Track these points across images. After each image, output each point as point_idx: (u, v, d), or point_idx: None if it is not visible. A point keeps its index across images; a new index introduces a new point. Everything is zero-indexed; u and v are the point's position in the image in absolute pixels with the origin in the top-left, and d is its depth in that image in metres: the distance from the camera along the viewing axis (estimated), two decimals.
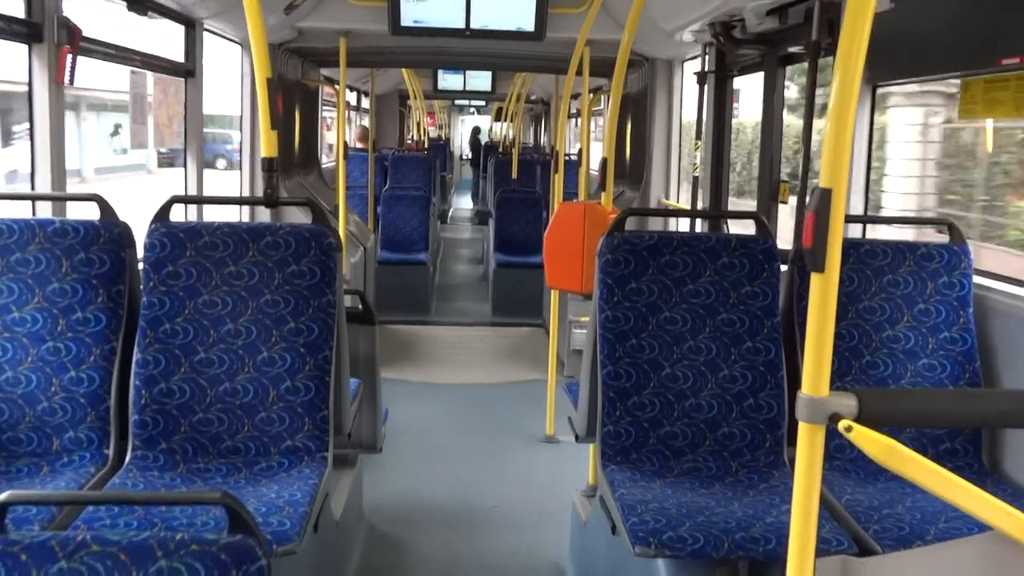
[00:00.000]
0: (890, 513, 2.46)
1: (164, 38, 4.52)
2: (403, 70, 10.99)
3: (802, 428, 1.40)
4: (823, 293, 1.40)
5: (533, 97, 15.58)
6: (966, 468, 2.75)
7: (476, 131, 22.56)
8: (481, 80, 11.01)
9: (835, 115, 1.36)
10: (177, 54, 4.67)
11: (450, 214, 17.96)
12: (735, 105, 5.20)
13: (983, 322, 2.89)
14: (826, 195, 1.36)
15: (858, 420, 1.38)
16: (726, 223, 4.73)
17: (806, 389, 1.40)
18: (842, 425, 1.37)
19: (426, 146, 14.10)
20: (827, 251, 1.37)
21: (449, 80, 10.93)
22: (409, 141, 15.97)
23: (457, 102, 21.03)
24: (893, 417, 1.48)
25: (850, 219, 3.40)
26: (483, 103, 20.03)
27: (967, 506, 1.33)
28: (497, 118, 19.69)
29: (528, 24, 5.37)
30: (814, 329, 1.40)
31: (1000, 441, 2.79)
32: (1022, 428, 2.63)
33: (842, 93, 1.36)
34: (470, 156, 22.30)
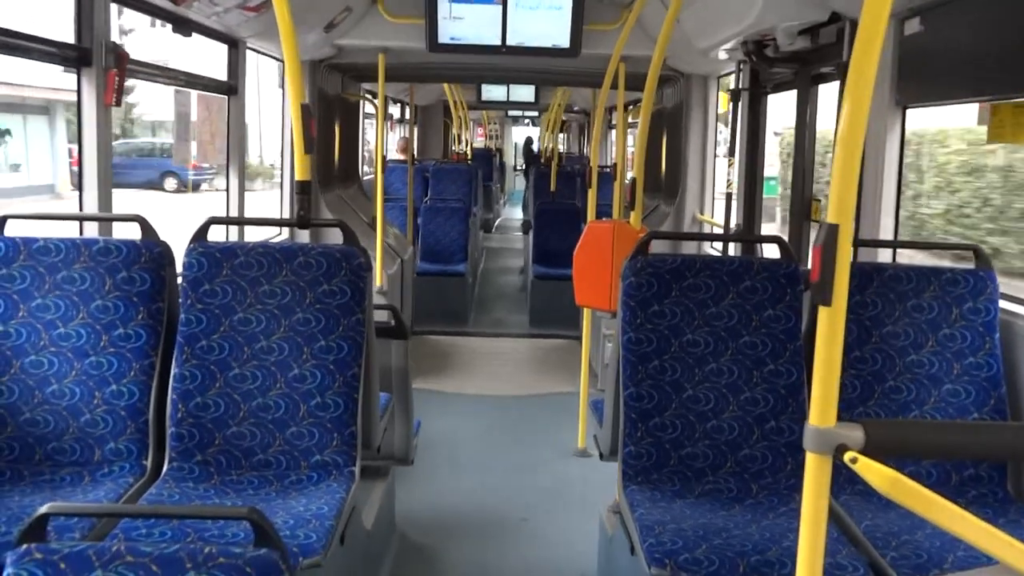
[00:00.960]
0: (908, 540, 2.46)
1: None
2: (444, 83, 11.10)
3: (809, 458, 1.43)
4: (830, 326, 1.42)
5: (576, 108, 15.60)
6: (990, 495, 2.74)
7: (528, 141, 22.66)
8: (524, 91, 11.07)
9: (844, 144, 1.34)
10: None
11: (497, 223, 18.00)
12: None
13: (1010, 348, 2.87)
14: (833, 230, 1.37)
15: (865, 451, 1.39)
16: (760, 244, 4.73)
17: (813, 420, 1.42)
18: (847, 457, 1.38)
19: (469, 157, 14.20)
20: (834, 285, 1.39)
21: (493, 91, 11.02)
22: (454, 152, 16.14)
23: (510, 113, 21.12)
24: (899, 448, 1.50)
25: (878, 244, 3.40)
26: (535, 113, 20.05)
27: (972, 538, 1.33)
28: (553, 130, 19.77)
29: (564, 41, 5.43)
30: (822, 361, 1.42)
31: None
32: None
33: (852, 122, 1.34)
34: (524, 166, 22.36)
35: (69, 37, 3.34)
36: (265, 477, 2.78)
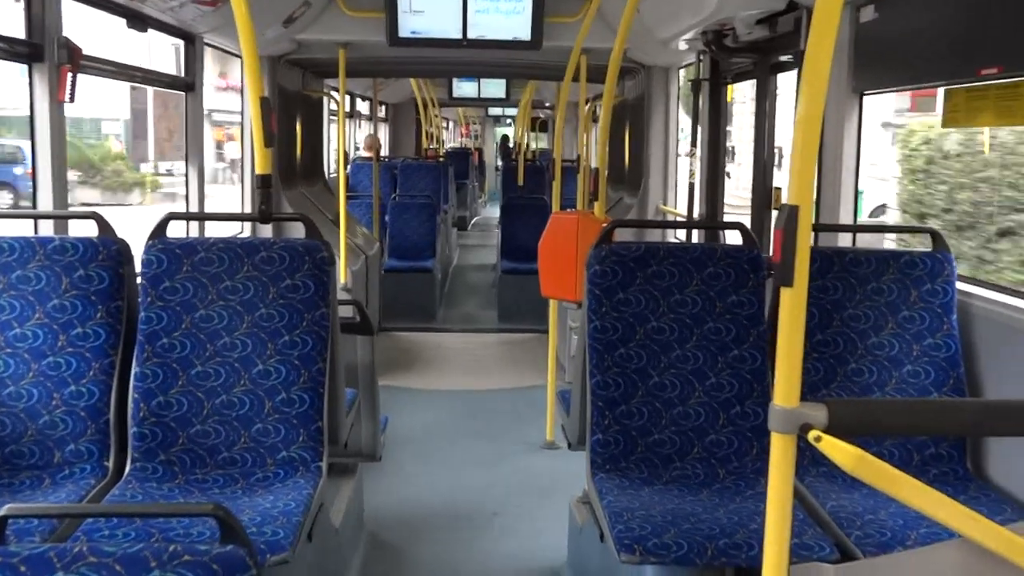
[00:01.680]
0: (873, 519, 2.49)
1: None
2: (411, 80, 11.05)
3: (774, 438, 1.44)
4: (792, 307, 1.43)
5: (548, 104, 15.63)
6: (951, 473, 2.79)
7: (505, 139, 22.74)
8: (496, 87, 11.04)
9: (802, 128, 1.37)
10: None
11: (475, 220, 18.01)
12: None
13: (967, 328, 2.92)
14: (793, 212, 1.39)
15: (828, 430, 1.41)
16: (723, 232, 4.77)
17: (777, 400, 1.44)
18: (811, 435, 1.40)
19: (441, 154, 14.17)
20: (795, 266, 1.41)
21: (464, 87, 10.96)
22: (426, 150, 16.17)
23: (491, 112, 21.09)
24: (863, 427, 1.51)
25: (837, 228, 3.44)
26: (515, 112, 20.10)
27: (935, 513, 1.36)
28: (532, 128, 19.87)
29: (525, 33, 5.42)
30: (784, 341, 1.44)
31: (984, 447, 2.83)
32: (990, 436, 2.66)
33: (809, 106, 1.36)
34: (500, 164, 22.50)
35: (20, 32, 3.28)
36: (231, 475, 2.75)
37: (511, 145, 20.74)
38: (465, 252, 13.53)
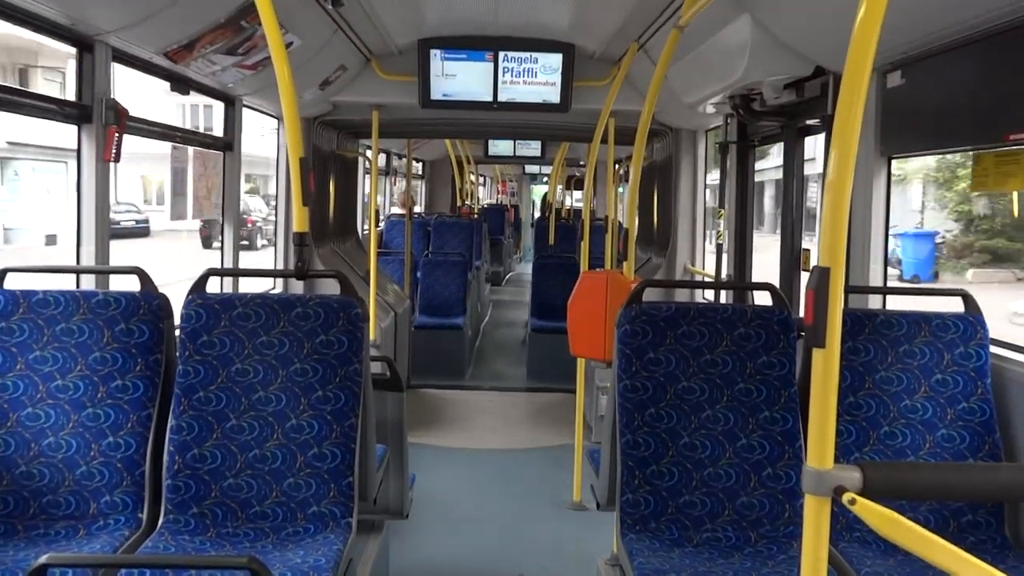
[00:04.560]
0: None
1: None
2: (446, 140, 11.26)
3: (808, 500, 1.44)
4: (825, 368, 1.44)
5: (582, 163, 15.85)
6: (988, 542, 2.74)
7: (545, 197, 23.09)
8: (531, 146, 11.19)
9: (832, 192, 1.40)
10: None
11: (509, 276, 18.14)
12: None
13: (1001, 393, 2.90)
14: (825, 273, 1.41)
15: (863, 493, 1.40)
16: (752, 292, 4.78)
17: (811, 462, 1.43)
18: (846, 498, 1.39)
19: (475, 211, 14.35)
20: (827, 327, 1.42)
21: (499, 146, 11.13)
22: (460, 206, 16.39)
23: (527, 170, 21.44)
24: (898, 490, 1.50)
25: (869, 290, 3.44)
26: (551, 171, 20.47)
27: None
28: (567, 187, 20.18)
29: (554, 97, 5.55)
30: (817, 402, 1.44)
31: (1023, 514, 2.78)
32: None
33: (839, 170, 1.39)
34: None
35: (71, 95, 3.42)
36: (262, 529, 2.76)
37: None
38: (498, 308, 13.59)
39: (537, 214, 25.04)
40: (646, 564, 2.58)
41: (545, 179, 24.86)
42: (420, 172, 13.64)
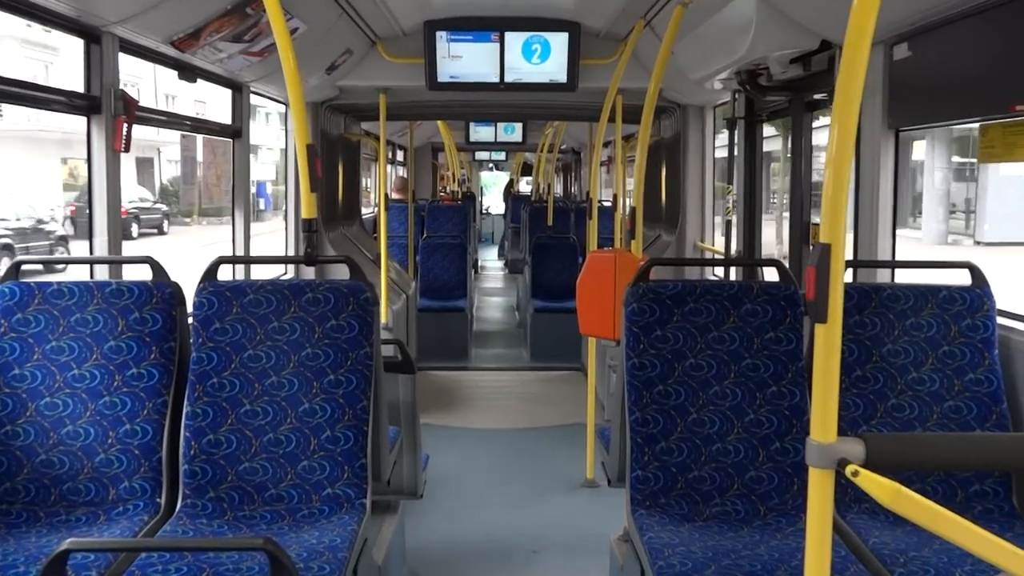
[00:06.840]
0: (917, 556, 2.47)
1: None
2: (439, 123, 11.26)
3: (812, 473, 1.45)
4: (827, 342, 1.45)
5: (564, 147, 15.82)
6: (996, 511, 2.76)
7: (510, 183, 23.04)
8: (512, 131, 11.21)
9: (833, 166, 1.40)
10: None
11: (480, 264, 18.23)
12: None
13: (1008, 363, 2.90)
14: (826, 249, 1.42)
15: (866, 465, 1.41)
16: (760, 268, 4.78)
17: (814, 435, 1.45)
18: (849, 470, 1.41)
19: (459, 197, 14.38)
20: (829, 302, 1.44)
21: (481, 132, 11.14)
22: (443, 192, 16.34)
23: (478, 157, 21.54)
24: (901, 461, 1.52)
25: (874, 264, 3.45)
26: (502, 157, 20.71)
27: (977, 549, 1.34)
28: (525, 173, 20.23)
29: (561, 76, 5.53)
30: (820, 376, 1.46)
31: None
32: None
33: (840, 144, 1.39)
34: (503, 208, 22.78)
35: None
36: (277, 511, 2.81)
37: (513, 189, 21.34)
38: (479, 293, 13.67)
39: (498, 200, 25.13)
40: (656, 539, 2.61)
41: (490, 166, 24.81)
42: (402, 159, 13.67)
